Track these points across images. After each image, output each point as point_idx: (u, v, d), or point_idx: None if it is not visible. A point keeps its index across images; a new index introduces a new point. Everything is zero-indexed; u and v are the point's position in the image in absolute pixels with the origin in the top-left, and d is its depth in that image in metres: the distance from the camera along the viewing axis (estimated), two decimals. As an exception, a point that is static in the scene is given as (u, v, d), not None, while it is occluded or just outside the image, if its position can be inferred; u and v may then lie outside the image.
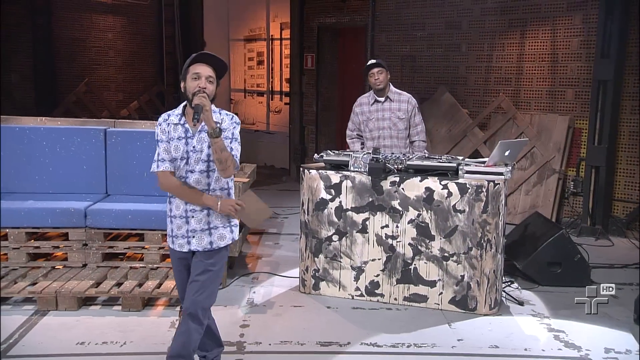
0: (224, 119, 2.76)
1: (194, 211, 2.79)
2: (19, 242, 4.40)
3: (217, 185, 2.80)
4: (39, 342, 3.53)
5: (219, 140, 2.60)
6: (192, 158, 2.74)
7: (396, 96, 4.85)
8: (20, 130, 4.82)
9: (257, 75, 10.22)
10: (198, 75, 2.68)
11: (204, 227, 2.80)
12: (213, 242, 2.82)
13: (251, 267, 5.05)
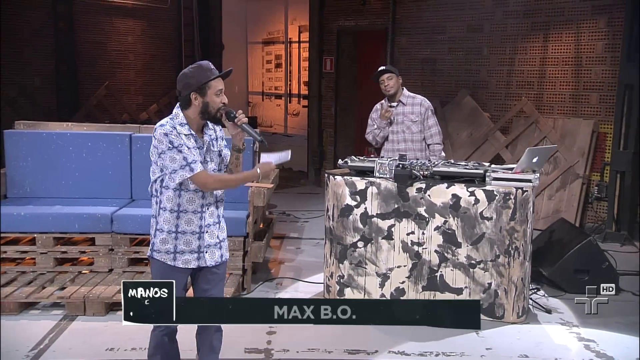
0: (215, 129, 2.79)
1: (209, 226, 2.74)
2: (46, 247, 4.45)
3: (224, 196, 2.86)
4: (68, 347, 3.56)
5: (241, 155, 2.76)
6: (208, 168, 2.74)
7: (409, 100, 4.83)
8: (48, 135, 4.87)
9: (275, 78, 10.25)
10: (221, 90, 2.71)
11: (216, 241, 2.78)
12: (223, 255, 2.83)
13: (274, 273, 5.06)
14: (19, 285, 4.21)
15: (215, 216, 2.78)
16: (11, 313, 3.99)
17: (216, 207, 2.79)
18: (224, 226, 2.89)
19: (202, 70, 2.68)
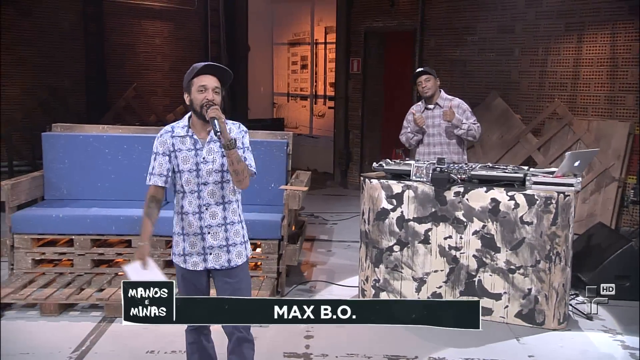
0: (231, 128, 2.68)
1: (210, 227, 2.69)
2: (84, 248, 4.49)
3: (232, 197, 2.72)
4: (110, 349, 3.58)
5: (235, 151, 2.55)
6: (204, 170, 2.66)
7: (446, 102, 4.79)
8: (84, 138, 4.92)
9: (300, 79, 10.24)
10: (204, 87, 2.60)
11: (221, 243, 2.70)
12: (231, 260, 2.72)
13: (307, 276, 5.05)
14: (58, 286, 4.26)
15: (219, 217, 2.69)
16: (51, 314, 4.04)
17: (223, 208, 2.69)
18: (238, 230, 2.75)
19: (191, 69, 2.67)
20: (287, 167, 5.01)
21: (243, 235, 2.77)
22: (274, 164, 4.96)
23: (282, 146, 4.97)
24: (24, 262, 4.46)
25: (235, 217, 2.73)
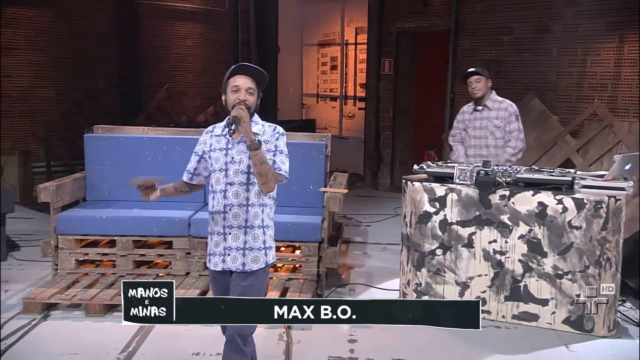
0: (265, 130, 2.67)
1: (231, 227, 2.66)
2: (126, 249, 4.53)
3: (256, 200, 2.66)
4: (156, 351, 3.60)
5: (259, 152, 2.50)
6: (231, 169, 2.64)
7: (495, 104, 4.73)
8: (125, 139, 4.97)
9: (330, 80, 10.23)
10: (237, 87, 2.61)
11: (239, 245, 2.66)
12: (245, 264, 2.67)
13: (345, 278, 5.02)
14: (102, 287, 4.30)
15: (240, 219, 2.65)
16: (97, 315, 4.08)
17: (245, 210, 2.65)
18: (257, 235, 2.68)
19: (228, 71, 2.68)
20: (325, 169, 4.99)
21: (264, 241, 2.69)
22: (312, 165, 4.94)
23: (321, 148, 4.96)
24: (67, 263, 4.51)
25: (257, 221, 2.67)
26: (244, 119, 2.49)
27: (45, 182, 4.75)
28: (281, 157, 2.67)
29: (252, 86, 2.62)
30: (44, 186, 4.45)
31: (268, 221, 2.73)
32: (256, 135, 2.59)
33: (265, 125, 2.69)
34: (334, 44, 9.94)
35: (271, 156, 2.62)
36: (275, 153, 2.66)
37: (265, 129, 2.67)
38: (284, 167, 2.66)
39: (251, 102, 2.61)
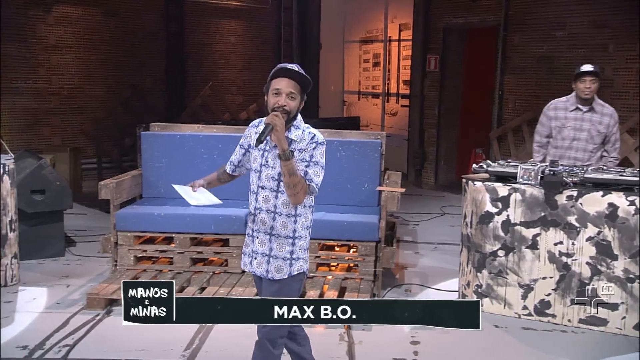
0: (304, 137, 2.53)
1: (258, 231, 2.61)
2: (183, 247, 4.55)
3: (283, 209, 2.57)
4: (220, 348, 3.61)
5: (289, 163, 2.41)
6: (264, 172, 2.57)
7: (599, 108, 4.45)
8: (181, 137, 5.00)
9: (372, 77, 10.15)
10: (279, 91, 2.49)
11: (265, 251, 2.60)
12: (269, 272, 2.60)
13: (399, 278, 4.96)
14: (161, 283, 4.33)
15: (267, 225, 2.58)
16: (157, 311, 4.10)
17: (272, 218, 2.58)
18: (282, 244, 2.59)
19: (272, 71, 2.57)
20: (380, 167, 4.94)
21: (290, 252, 2.60)
22: (367, 164, 4.90)
23: (376, 146, 4.90)
24: (126, 259, 4.56)
25: (284, 230, 2.58)
26: (277, 127, 2.40)
27: (95, 178, 4.82)
28: (315, 168, 2.54)
29: (294, 90, 2.50)
30: (105, 183, 4.50)
31: (301, 231, 2.62)
32: (292, 143, 2.51)
33: (305, 132, 2.56)
34: (377, 41, 9.86)
35: (303, 167, 2.51)
36: (309, 164, 2.53)
37: (304, 136, 2.54)
38: (315, 180, 2.54)
39: (291, 107, 2.49)
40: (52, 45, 7.72)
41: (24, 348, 3.51)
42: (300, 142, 2.52)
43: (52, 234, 5.17)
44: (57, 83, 7.83)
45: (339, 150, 4.92)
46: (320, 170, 2.55)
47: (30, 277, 4.70)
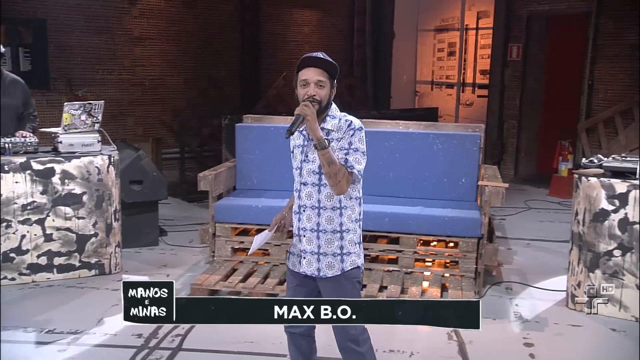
0: (341, 126, 2.45)
1: (305, 230, 2.53)
2: (280, 239, 4.53)
3: (328, 202, 2.48)
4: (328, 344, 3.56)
5: (326, 152, 2.32)
6: (305, 168, 2.49)
7: None
8: (275, 129, 4.98)
9: (446, 67, 9.90)
10: (306, 81, 2.41)
11: (314, 249, 2.52)
12: (320, 270, 2.52)
13: (497, 275, 4.80)
14: (260, 276, 4.34)
15: (313, 222, 2.51)
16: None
17: (317, 213, 2.50)
18: (331, 239, 2.50)
19: (298, 63, 2.45)
20: (479, 161, 4.79)
21: (340, 247, 2.51)
22: (465, 157, 4.76)
23: (475, 139, 4.75)
24: (224, 250, 4.60)
25: (330, 225, 2.50)
26: (308, 116, 2.32)
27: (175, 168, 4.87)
28: (356, 155, 2.43)
29: (322, 78, 2.41)
30: (204, 175, 4.55)
31: (349, 224, 2.53)
32: (330, 133, 2.43)
33: (342, 120, 2.47)
34: (453, 29, 9.60)
35: (343, 154, 2.42)
36: (349, 151, 2.43)
37: (341, 125, 2.45)
38: (357, 166, 2.43)
39: (321, 95, 2.41)
40: (136, 37, 7.87)
41: (139, 336, 3.58)
42: (338, 131, 2.45)
43: (148, 224, 5.28)
44: (140, 74, 7.99)
45: (436, 143, 4.80)
46: (362, 156, 2.45)
47: (130, 265, 4.81)
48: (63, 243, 4.41)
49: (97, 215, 4.49)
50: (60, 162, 4.35)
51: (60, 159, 4.36)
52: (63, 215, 4.38)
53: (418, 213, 4.40)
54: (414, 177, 4.82)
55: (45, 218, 4.33)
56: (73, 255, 4.46)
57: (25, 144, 4.33)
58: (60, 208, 4.37)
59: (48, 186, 4.32)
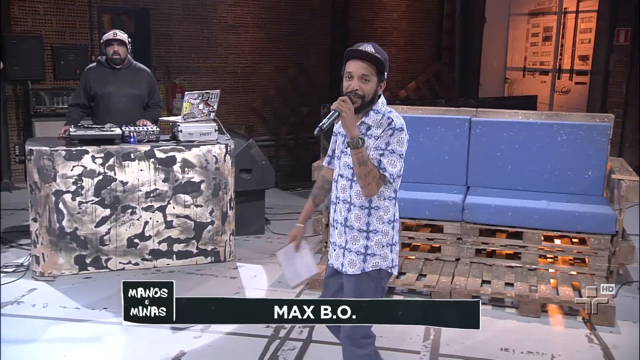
0: (382, 123, 2.33)
1: (336, 222, 2.47)
2: (395, 231, 4.45)
3: (357, 200, 2.37)
4: (461, 342, 3.46)
5: (359, 152, 2.22)
6: (342, 160, 2.41)
7: None
8: (388, 118, 4.86)
9: (541, 53, 9.45)
10: (350, 74, 2.32)
11: (342, 243, 2.45)
12: (343, 265, 2.44)
13: (624, 275, 4.52)
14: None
15: (342, 217, 2.43)
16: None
17: (347, 209, 2.41)
18: (356, 237, 2.39)
19: (345, 53, 2.38)
20: (607, 153, 4.51)
21: (365, 246, 2.40)
22: (591, 149, 4.49)
23: (605, 130, 4.48)
24: (337, 241, 4.54)
25: (357, 223, 2.39)
26: (344, 113, 2.23)
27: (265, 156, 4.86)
28: (391, 157, 2.33)
29: (367, 72, 2.32)
30: (318, 164, 4.50)
31: (377, 225, 2.39)
32: (370, 128, 2.34)
33: (384, 117, 2.36)
34: (549, 13, 9.13)
35: (378, 155, 2.31)
36: (384, 152, 2.32)
37: (382, 122, 2.35)
38: (390, 169, 2.31)
39: (365, 90, 2.31)
40: (230, 25, 7.92)
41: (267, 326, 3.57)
42: (378, 127, 2.34)
43: (255, 212, 5.31)
44: (233, 62, 8.05)
45: (560, 133, 4.56)
46: (398, 159, 2.34)
47: (242, 253, 4.84)
48: (182, 230, 4.48)
49: (213, 204, 4.54)
50: (181, 150, 4.41)
51: (181, 147, 4.42)
52: (182, 203, 4.45)
53: (544, 207, 4.19)
54: (534, 169, 4.60)
55: (166, 205, 4.41)
56: (191, 242, 4.52)
57: (149, 133, 4.41)
58: (180, 196, 4.44)
59: (169, 174, 4.39)
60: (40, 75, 6.63)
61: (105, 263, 4.34)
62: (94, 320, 3.62)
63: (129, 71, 4.68)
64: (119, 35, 4.60)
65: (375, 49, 2.36)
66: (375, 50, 2.35)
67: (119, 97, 4.62)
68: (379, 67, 2.35)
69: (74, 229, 4.22)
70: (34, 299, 3.88)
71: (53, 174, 4.13)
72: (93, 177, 4.22)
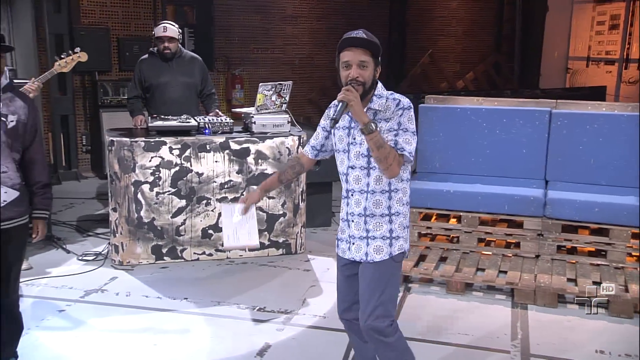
0: (389, 105, 2.34)
1: (353, 215, 2.44)
2: (471, 226, 4.33)
3: (377, 186, 2.38)
4: (552, 342, 3.34)
5: (374, 136, 2.23)
6: (352, 151, 2.39)
7: None
8: (461, 110, 4.73)
9: (607, 42, 9.09)
10: (348, 63, 2.29)
11: (362, 234, 2.43)
12: (368, 254, 2.43)
13: None
14: (454, 263, 4.17)
15: (361, 207, 2.41)
16: (457, 292, 3.97)
17: (365, 197, 2.40)
18: (380, 223, 2.40)
19: (338, 44, 2.33)
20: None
21: (390, 230, 2.42)
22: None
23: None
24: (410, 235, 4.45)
25: (378, 209, 2.41)
26: (351, 102, 2.22)
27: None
28: (405, 135, 2.33)
29: (364, 58, 2.30)
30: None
31: (398, 207, 2.43)
32: (377, 113, 2.34)
33: (389, 99, 2.36)
34: (616, 0, 8.77)
35: (392, 136, 2.32)
36: (398, 132, 2.33)
37: (389, 104, 2.35)
38: (407, 147, 2.33)
39: (365, 76, 2.30)
40: (289, 16, 7.90)
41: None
42: (386, 111, 2.35)
43: (322, 204, 5.27)
44: (290, 53, 8.03)
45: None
46: (412, 136, 2.35)
47: (312, 246, 4.82)
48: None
49: (285, 196, 4.51)
50: (255, 142, 4.40)
51: (255, 139, 4.40)
52: (256, 195, 4.43)
53: (633, 203, 4.00)
54: (619, 164, 4.39)
55: (239, 197, 4.40)
56: (263, 233, 4.51)
57: (223, 124, 4.41)
58: (253, 187, 4.42)
59: (243, 166, 4.39)
60: (108, 66, 6.75)
61: (180, 253, 4.37)
62: (177, 310, 3.65)
63: (181, 60, 4.73)
64: (168, 31, 4.63)
65: (367, 34, 2.35)
66: (367, 35, 2.35)
67: (173, 87, 4.67)
68: (374, 51, 2.34)
69: (151, 219, 4.26)
70: (116, 288, 3.94)
71: (132, 165, 4.18)
72: (170, 168, 4.25)
